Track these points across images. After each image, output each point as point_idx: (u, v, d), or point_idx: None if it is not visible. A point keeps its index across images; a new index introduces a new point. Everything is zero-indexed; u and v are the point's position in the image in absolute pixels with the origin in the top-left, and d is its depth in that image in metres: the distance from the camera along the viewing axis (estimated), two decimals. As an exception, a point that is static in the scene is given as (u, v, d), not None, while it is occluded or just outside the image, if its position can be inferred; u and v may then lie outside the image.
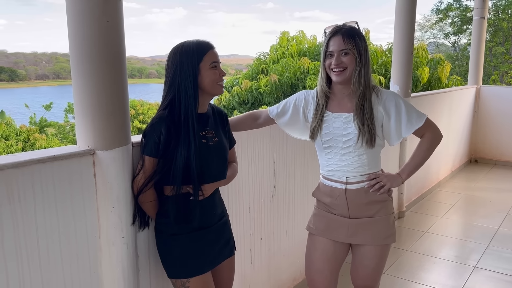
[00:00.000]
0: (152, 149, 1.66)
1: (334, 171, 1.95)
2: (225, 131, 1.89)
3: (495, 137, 6.48)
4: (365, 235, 1.94)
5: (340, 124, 1.89)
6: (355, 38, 1.82)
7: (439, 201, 5.00)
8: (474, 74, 6.56)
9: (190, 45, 1.70)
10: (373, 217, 1.94)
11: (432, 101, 5.07)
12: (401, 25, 4.11)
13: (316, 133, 1.94)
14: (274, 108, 2.07)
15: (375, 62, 8.78)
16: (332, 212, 1.98)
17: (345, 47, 1.81)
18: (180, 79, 1.67)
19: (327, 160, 1.97)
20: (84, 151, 1.60)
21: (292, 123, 2.04)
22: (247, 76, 10.91)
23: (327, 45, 1.86)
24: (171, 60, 1.71)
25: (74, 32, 1.58)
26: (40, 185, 1.48)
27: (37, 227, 1.48)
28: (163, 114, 1.67)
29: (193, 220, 1.74)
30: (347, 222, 1.95)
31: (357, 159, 1.89)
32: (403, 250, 3.69)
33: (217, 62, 1.73)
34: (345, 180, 1.93)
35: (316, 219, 2.05)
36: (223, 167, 1.85)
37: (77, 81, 1.61)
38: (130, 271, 1.75)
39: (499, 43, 19.83)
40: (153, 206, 1.75)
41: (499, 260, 3.48)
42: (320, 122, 1.92)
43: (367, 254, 1.97)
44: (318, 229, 2.02)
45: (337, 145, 1.90)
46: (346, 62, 1.82)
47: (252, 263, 2.55)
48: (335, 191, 1.96)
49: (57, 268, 1.56)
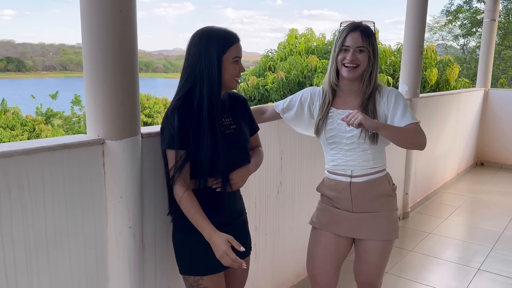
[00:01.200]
0: (170, 142, 1.61)
1: (339, 165, 1.96)
2: (245, 118, 1.82)
3: (501, 141, 6.45)
4: (369, 230, 1.94)
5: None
6: (371, 37, 1.84)
7: (444, 202, 4.99)
8: (482, 77, 6.52)
9: (219, 33, 1.64)
10: (377, 212, 1.94)
11: (440, 102, 5.05)
12: (412, 26, 4.09)
13: (321, 129, 1.95)
14: (281, 103, 2.09)
15: (384, 62, 8.74)
16: (336, 207, 1.99)
17: (363, 44, 1.82)
18: (203, 66, 1.61)
19: (332, 155, 1.98)
20: (94, 140, 1.60)
21: (297, 118, 2.06)
22: (254, 73, 10.90)
23: (344, 39, 1.85)
24: (194, 44, 1.64)
25: (87, 21, 1.58)
26: (49, 173, 1.48)
27: (45, 214, 1.49)
28: (176, 104, 1.63)
29: (219, 215, 1.70)
30: (351, 216, 1.96)
31: (362, 154, 1.91)
32: (407, 250, 3.68)
33: (239, 57, 1.68)
34: (350, 173, 1.94)
35: (320, 213, 2.05)
36: (242, 156, 1.77)
37: (88, 71, 1.61)
38: (136, 262, 1.75)
39: (508, 47, 19.69)
40: (189, 199, 1.62)
41: (503, 263, 3.47)
42: (325, 118, 1.93)
43: (371, 249, 1.96)
44: (321, 223, 2.03)
45: (341, 141, 1.92)
46: (360, 59, 1.83)
47: (256, 258, 2.55)
48: (340, 185, 1.97)
49: (64, 255, 1.56)
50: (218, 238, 1.59)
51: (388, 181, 1.99)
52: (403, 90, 4.20)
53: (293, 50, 10.37)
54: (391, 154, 2.17)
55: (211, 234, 1.61)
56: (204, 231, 1.62)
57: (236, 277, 1.88)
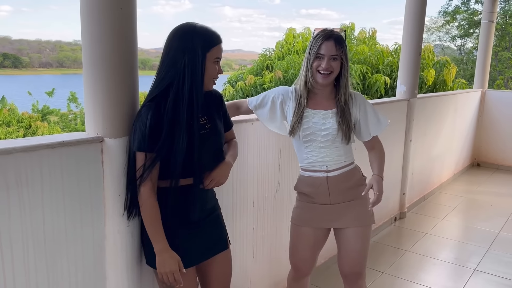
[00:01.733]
0: (141, 143, 1.55)
1: (314, 162, 2.08)
2: (220, 114, 1.79)
3: (498, 142, 6.47)
4: (346, 218, 2.08)
5: (318, 119, 2.02)
6: (343, 45, 1.97)
7: (441, 203, 5.00)
8: (480, 78, 6.54)
9: (204, 30, 1.60)
10: (352, 200, 2.09)
11: (438, 103, 5.06)
12: (410, 27, 4.10)
13: (296, 129, 2.04)
14: (253, 99, 2.15)
15: (381, 63, 8.75)
16: (314, 202, 2.11)
17: (336, 53, 1.94)
18: (187, 61, 1.55)
19: (307, 153, 2.09)
20: (93, 138, 1.60)
21: (270, 117, 2.13)
22: (251, 72, 10.88)
23: (319, 47, 1.96)
24: (174, 40, 1.58)
25: (87, 18, 1.57)
26: (48, 170, 1.48)
27: (43, 212, 1.48)
28: (151, 104, 1.56)
29: (188, 211, 1.68)
30: (329, 208, 2.09)
31: (335, 150, 2.05)
32: (403, 250, 3.69)
33: (220, 58, 1.65)
34: (325, 169, 2.07)
35: (299, 211, 2.16)
36: (217, 156, 1.75)
37: (88, 68, 1.60)
38: (134, 260, 1.75)
39: (505, 48, 19.75)
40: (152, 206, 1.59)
41: (499, 264, 3.49)
42: (301, 118, 2.03)
43: (350, 237, 2.09)
44: (301, 220, 2.14)
45: (316, 139, 2.04)
46: (334, 66, 1.96)
47: (253, 257, 2.55)
48: (317, 180, 2.08)
49: (61, 253, 1.56)
50: (171, 257, 1.60)
51: (359, 171, 2.16)
52: (401, 91, 4.21)
53: (291, 49, 10.36)
54: (388, 154, 2.20)
55: (164, 249, 1.60)
56: (158, 244, 1.60)
57: (216, 271, 1.84)
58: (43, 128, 16.44)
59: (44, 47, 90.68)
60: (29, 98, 19.57)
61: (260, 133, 2.42)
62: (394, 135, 4.09)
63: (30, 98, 19.46)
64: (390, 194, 4.22)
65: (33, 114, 17.93)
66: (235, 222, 2.35)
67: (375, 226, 3.96)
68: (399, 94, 4.23)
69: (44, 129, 16.37)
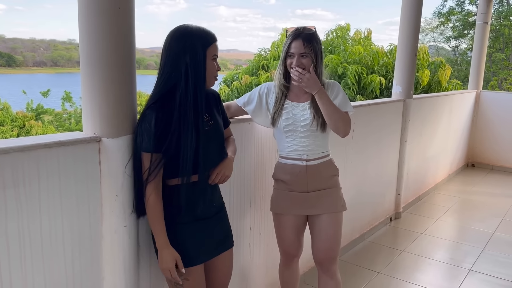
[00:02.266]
0: (147, 145, 1.59)
1: (295, 151, 2.18)
2: (219, 112, 1.87)
3: (492, 142, 6.51)
4: (323, 205, 2.21)
5: (298, 111, 2.15)
6: (313, 42, 2.07)
7: (436, 203, 5.02)
8: (474, 79, 6.58)
9: (200, 30, 1.65)
10: (328, 188, 2.22)
11: (433, 104, 5.08)
12: (406, 28, 4.11)
13: (276, 120, 2.17)
14: (241, 99, 2.28)
15: (376, 63, 8.78)
16: (292, 189, 2.21)
17: (304, 50, 2.05)
18: (188, 62, 1.60)
19: (288, 143, 2.19)
20: (90, 138, 1.59)
21: (257, 111, 2.24)
22: (247, 72, 10.88)
23: (289, 46, 2.08)
24: (173, 43, 1.62)
25: (84, 17, 1.56)
26: (45, 170, 1.47)
27: (40, 212, 1.47)
28: (156, 105, 1.61)
29: (197, 208, 1.73)
30: (306, 196, 2.20)
31: (315, 140, 2.17)
32: (399, 250, 3.70)
33: (217, 55, 1.72)
34: (305, 157, 2.18)
35: (279, 199, 2.25)
36: (220, 151, 1.82)
37: (85, 67, 1.59)
38: (131, 260, 1.74)
39: (499, 49, 19.88)
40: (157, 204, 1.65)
41: (494, 264, 3.51)
42: (281, 109, 2.16)
43: (325, 222, 2.21)
44: (282, 208, 2.24)
45: (296, 129, 2.15)
46: (304, 63, 2.06)
47: (250, 257, 2.55)
48: (296, 168, 2.19)
49: (58, 253, 1.55)
50: (168, 254, 1.65)
51: (333, 163, 2.29)
52: (397, 91, 4.22)
53: (287, 49, 10.36)
54: (384, 154, 2.21)
55: (163, 244, 1.66)
56: (159, 239, 1.66)
57: (220, 268, 1.89)
58: (37, 127, 16.35)
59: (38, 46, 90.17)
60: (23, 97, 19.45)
61: (257, 133, 2.42)
62: (390, 135, 4.10)
63: (24, 97, 19.34)
64: (386, 194, 4.23)
65: (27, 113, 17.83)
66: (232, 222, 2.32)
67: (370, 226, 3.98)
68: (395, 95, 4.25)
69: (38, 128, 16.28)
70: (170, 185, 1.69)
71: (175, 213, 1.69)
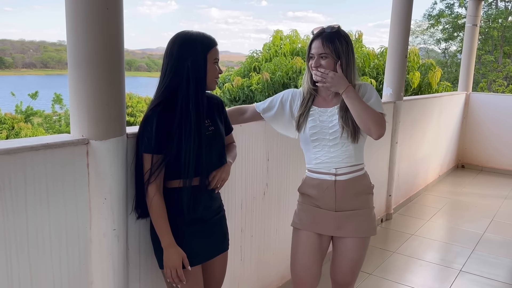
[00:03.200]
0: (148, 145, 1.63)
1: (323, 163, 1.99)
2: (221, 118, 1.88)
3: (482, 144, 6.57)
4: (350, 228, 1.99)
5: (326, 117, 1.96)
6: (335, 42, 1.89)
7: (426, 204, 5.05)
8: (464, 81, 6.63)
9: (201, 35, 1.69)
10: (357, 209, 2.00)
11: (423, 106, 5.11)
12: (396, 30, 4.13)
13: (302, 125, 2.00)
14: (261, 103, 2.14)
15: (367, 65, 8.82)
16: (318, 206, 2.01)
17: (324, 51, 1.89)
18: (190, 66, 1.64)
19: (315, 153, 2.00)
20: (78, 140, 1.57)
21: (278, 118, 2.11)
22: (239, 73, 10.88)
23: (309, 47, 1.95)
24: (176, 47, 1.66)
25: (72, 18, 1.54)
26: (31, 173, 1.44)
27: (27, 215, 1.45)
28: (156, 109, 1.64)
29: (197, 211, 1.73)
30: (333, 215, 1.99)
31: (345, 150, 1.96)
32: (390, 251, 3.71)
33: (218, 59, 1.75)
34: (334, 172, 1.97)
35: (302, 214, 2.06)
36: (220, 156, 1.83)
37: (73, 69, 1.57)
38: (120, 264, 1.72)
39: (488, 52, 20.10)
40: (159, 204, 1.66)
41: (484, 264, 3.53)
42: (307, 114, 1.99)
43: (350, 246, 2.01)
44: (304, 224, 2.04)
45: (324, 137, 1.96)
46: (324, 65, 1.89)
47: (241, 260, 2.53)
48: (324, 183, 1.99)
49: (45, 258, 1.52)
50: (176, 252, 1.67)
51: (367, 178, 2.07)
52: (387, 93, 4.24)
53: (278, 51, 10.39)
54: (374, 156, 2.19)
55: (170, 244, 1.67)
56: (165, 238, 1.67)
57: (214, 271, 1.91)
58: (26, 129, 16.19)
59: (28, 47, 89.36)
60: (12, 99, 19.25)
61: (248, 135, 2.41)
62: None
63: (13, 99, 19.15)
64: (377, 195, 4.24)
65: (16, 115, 17.66)
66: (223, 224, 2.33)
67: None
68: (386, 97, 4.26)
69: (28, 130, 16.13)
70: (170, 187, 1.70)
71: (175, 215, 1.70)
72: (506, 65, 19.50)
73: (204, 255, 1.81)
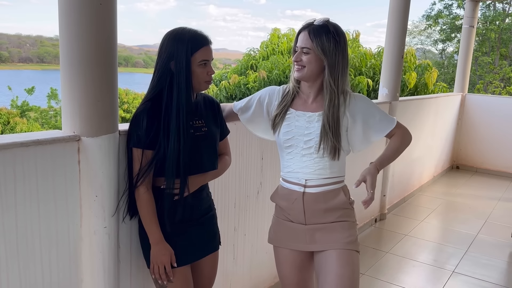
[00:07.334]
0: (137, 140, 1.62)
1: (293, 172, 1.80)
2: (217, 120, 1.85)
3: (477, 145, 6.58)
4: (325, 240, 1.78)
5: (302, 123, 1.76)
6: (321, 37, 1.67)
7: (420, 205, 5.06)
8: (460, 82, 6.65)
9: (188, 35, 1.63)
10: (332, 222, 1.79)
11: (419, 106, 5.11)
12: (393, 30, 4.12)
13: (277, 126, 1.81)
14: (239, 102, 1.96)
15: (364, 65, 8.82)
16: (290, 219, 1.84)
17: (306, 45, 1.69)
18: (173, 69, 1.62)
19: (287, 161, 1.83)
20: (69, 137, 1.56)
21: (255, 119, 1.92)
22: (235, 71, 10.86)
23: (296, 39, 1.76)
24: (165, 46, 1.64)
25: (65, 13, 1.53)
26: (21, 170, 1.43)
27: (16, 212, 1.43)
28: (146, 106, 1.63)
29: (184, 212, 1.72)
30: (304, 228, 1.80)
31: (318, 161, 1.75)
32: (383, 252, 3.71)
33: (208, 60, 1.66)
34: (303, 183, 1.78)
35: (276, 228, 1.91)
36: (212, 158, 1.80)
37: (65, 64, 1.56)
38: (111, 262, 1.71)
39: (485, 53, 20.16)
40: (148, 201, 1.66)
41: (477, 266, 3.54)
42: (283, 115, 1.79)
43: (331, 260, 1.75)
44: (279, 240, 1.89)
45: (298, 145, 1.77)
46: (304, 60, 1.70)
47: (234, 259, 2.53)
48: (293, 194, 1.80)
49: (35, 255, 1.51)
50: (164, 248, 1.67)
51: (345, 193, 1.83)
52: (383, 93, 4.24)
53: (276, 49, 10.37)
54: (369, 156, 2.18)
55: (159, 240, 1.67)
56: (154, 235, 1.67)
57: (204, 271, 1.90)
58: (22, 124, 16.12)
59: (25, 41, 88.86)
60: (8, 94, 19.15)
61: (242, 134, 2.40)
62: (376, 137, 4.11)
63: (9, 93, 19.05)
64: (371, 195, 4.24)
65: (12, 110, 17.57)
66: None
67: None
68: (381, 97, 4.26)
69: (23, 125, 16.05)
70: (155, 185, 1.69)
71: (161, 214, 1.68)
72: (502, 67, 19.58)
73: (192, 254, 1.79)
